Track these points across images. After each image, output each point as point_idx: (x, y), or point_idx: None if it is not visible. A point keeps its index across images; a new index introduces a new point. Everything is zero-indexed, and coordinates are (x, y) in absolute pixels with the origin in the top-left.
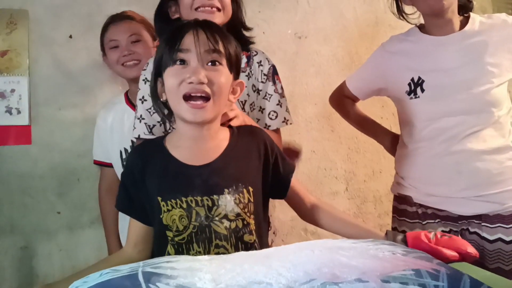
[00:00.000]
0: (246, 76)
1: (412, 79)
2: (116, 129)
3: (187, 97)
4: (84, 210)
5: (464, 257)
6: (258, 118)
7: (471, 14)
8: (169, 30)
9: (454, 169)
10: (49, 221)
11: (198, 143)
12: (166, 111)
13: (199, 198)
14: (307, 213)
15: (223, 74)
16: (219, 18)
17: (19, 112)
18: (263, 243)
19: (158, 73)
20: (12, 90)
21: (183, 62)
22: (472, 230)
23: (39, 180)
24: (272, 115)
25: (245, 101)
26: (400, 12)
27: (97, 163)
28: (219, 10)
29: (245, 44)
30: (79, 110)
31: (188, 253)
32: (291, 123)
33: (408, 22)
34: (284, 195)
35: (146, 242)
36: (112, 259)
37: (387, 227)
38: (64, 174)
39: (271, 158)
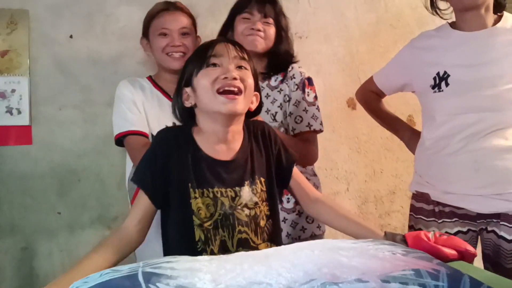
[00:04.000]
0: (278, 91)
1: (438, 73)
2: (149, 111)
3: (221, 92)
4: (84, 210)
5: (463, 255)
6: (288, 123)
7: (505, 13)
8: (201, 46)
9: (472, 166)
10: (49, 221)
11: (223, 142)
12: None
13: (223, 190)
14: (310, 206)
15: (250, 77)
16: (260, 45)
17: (19, 112)
18: (276, 226)
19: (185, 84)
20: (13, 90)
21: (214, 65)
22: (490, 228)
23: (39, 180)
24: (298, 119)
25: (276, 112)
26: (434, 8)
27: (128, 133)
28: (261, 37)
29: (286, 66)
30: (80, 110)
31: (215, 238)
32: (316, 130)
33: (441, 17)
34: (286, 185)
35: (148, 221)
36: (113, 238)
37: (387, 227)
38: (65, 174)
39: (274, 150)
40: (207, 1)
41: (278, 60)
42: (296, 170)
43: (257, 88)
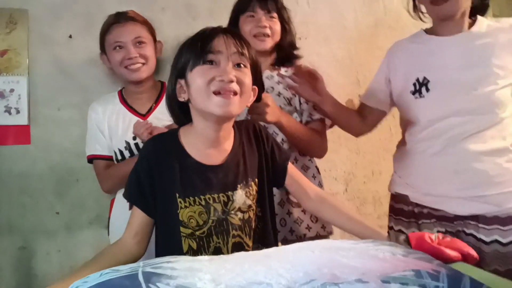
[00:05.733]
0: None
1: (417, 79)
2: (111, 127)
3: (217, 93)
4: (82, 210)
5: (465, 258)
6: (303, 110)
7: (479, 17)
8: (197, 35)
9: (452, 168)
10: (47, 221)
11: (213, 144)
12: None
13: (216, 195)
14: (311, 203)
15: (248, 76)
16: (269, 43)
17: (18, 112)
18: (267, 228)
19: (179, 75)
20: (11, 90)
21: (211, 62)
22: (468, 231)
23: (37, 180)
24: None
25: (291, 98)
26: (417, 11)
27: (96, 157)
28: (268, 36)
29: (293, 59)
30: (78, 110)
31: (208, 246)
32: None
33: (422, 21)
34: (282, 183)
35: (146, 233)
36: (110, 251)
37: (386, 228)
38: (63, 174)
39: (267, 148)
40: (207, 2)
41: (284, 52)
42: (292, 167)
43: (258, 82)
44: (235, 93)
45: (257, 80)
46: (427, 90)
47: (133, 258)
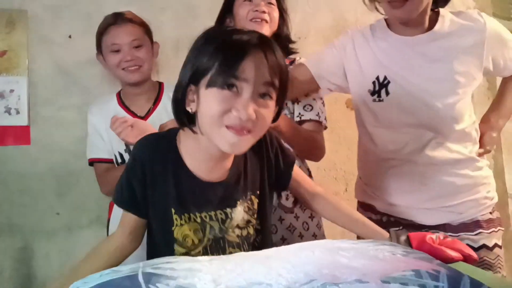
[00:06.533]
0: None
1: (378, 78)
2: (110, 130)
3: (229, 127)
4: (83, 210)
5: (466, 260)
6: (294, 109)
7: (441, 11)
8: (225, 41)
9: (419, 180)
10: (48, 221)
11: (215, 161)
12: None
13: (213, 213)
14: (312, 203)
15: (270, 110)
16: (266, 30)
17: (18, 112)
18: (265, 242)
19: (192, 80)
20: (11, 90)
21: (232, 86)
22: None
23: (38, 181)
24: (307, 108)
25: None
26: (372, 2)
27: (97, 160)
28: (267, 22)
29: (288, 53)
30: (78, 110)
31: None
32: (323, 122)
33: (379, 12)
34: (286, 187)
35: (139, 232)
36: (104, 248)
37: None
38: (63, 174)
39: (271, 154)
40: (208, 2)
41: (282, 43)
42: (295, 169)
43: (280, 103)
44: (249, 131)
45: (280, 101)
46: (387, 93)
47: (127, 253)
